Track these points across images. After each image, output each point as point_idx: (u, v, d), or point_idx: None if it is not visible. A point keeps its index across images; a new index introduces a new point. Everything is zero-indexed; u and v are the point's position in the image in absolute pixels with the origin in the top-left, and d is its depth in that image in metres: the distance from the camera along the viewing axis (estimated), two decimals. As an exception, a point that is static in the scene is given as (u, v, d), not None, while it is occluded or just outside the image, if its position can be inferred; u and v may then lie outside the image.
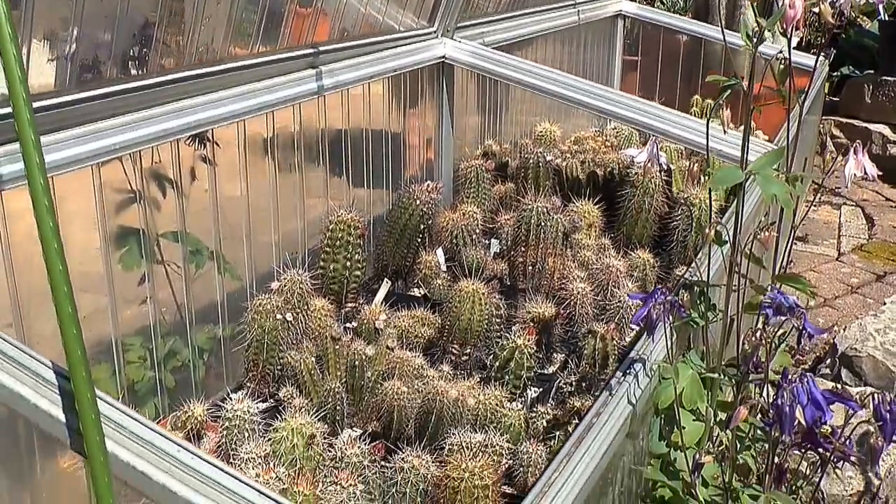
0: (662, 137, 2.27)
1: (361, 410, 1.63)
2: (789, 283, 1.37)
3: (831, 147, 4.93)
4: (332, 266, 1.90)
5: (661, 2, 5.94)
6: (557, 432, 1.55)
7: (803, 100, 1.41)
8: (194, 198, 1.73)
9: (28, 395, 1.01)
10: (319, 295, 1.81)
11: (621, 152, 2.66)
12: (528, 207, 2.02)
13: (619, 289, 1.83)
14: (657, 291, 1.30)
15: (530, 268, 2.03)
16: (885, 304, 2.83)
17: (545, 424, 1.58)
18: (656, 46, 3.97)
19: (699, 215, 2.14)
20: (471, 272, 1.91)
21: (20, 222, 1.34)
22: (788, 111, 1.35)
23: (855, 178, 1.38)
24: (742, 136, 1.35)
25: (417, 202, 2.03)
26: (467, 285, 1.77)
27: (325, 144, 2.12)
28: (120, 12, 1.45)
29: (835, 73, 5.63)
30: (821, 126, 4.85)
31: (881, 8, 1.44)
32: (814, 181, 2.94)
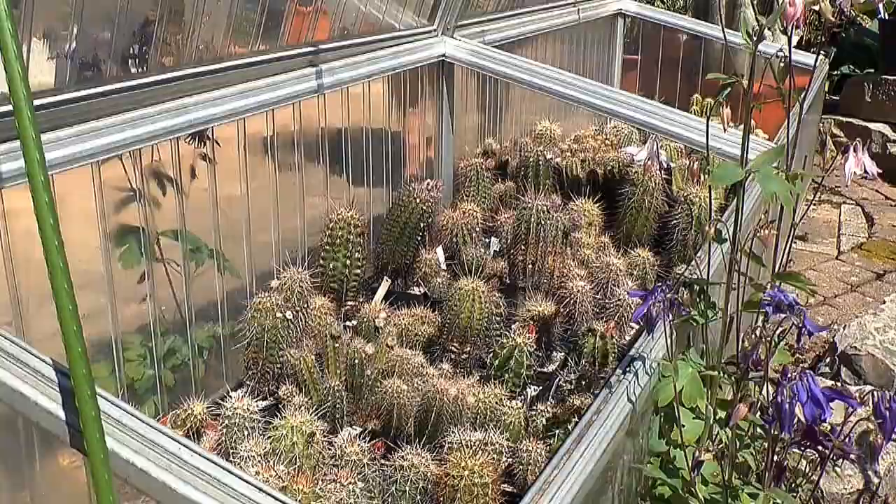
0: (662, 136, 2.27)
1: (361, 408, 1.63)
2: (789, 280, 1.37)
3: (831, 146, 4.92)
4: (332, 264, 1.90)
5: (661, 0, 5.94)
6: (557, 430, 1.55)
7: (803, 98, 1.41)
8: (194, 196, 1.73)
9: (28, 392, 1.01)
10: (319, 293, 1.81)
11: (621, 150, 2.66)
12: (528, 206, 2.02)
13: (618, 287, 1.83)
14: (657, 289, 1.29)
15: (530, 266, 2.03)
16: (884, 303, 2.83)
17: (545, 422, 1.58)
18: (656, 45, 3.97)
19: (699, 213, 2.14)
20: (471, 270, 1.91)
21: (20, 221, 1.34)
22: (788, 110, 1.35)
23: (855, 177, 1.37)
24: (742, 135, 1.35)
25: (417, 200, 2.03)
26: (467, 284, 1.77)
27: (325, 143, 2.12)
28: (120, 10, 1.45)
29: (835, 72, 5.62)
30: (821, 125, 4.85)
31: (881, 7, 1.44)
32: (813, 180, 2.94)
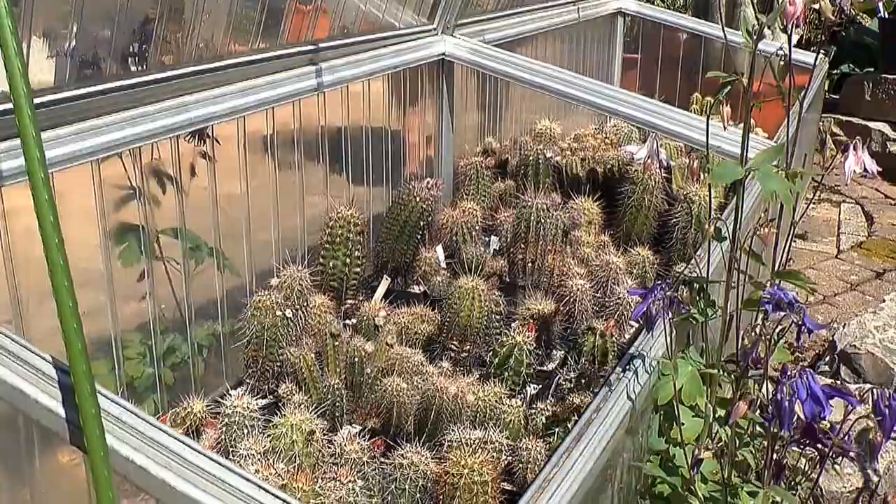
0: (662, 134, 2.27)
1: (361, 407, 1.63)
2: (789, 279, 1.37)
3: (831, 145, 4.92)
4: (331, 263, 1.90)
5: (661, -1, 5.93)
6: (557, 429, 1.55)
7: (803, 97, 1.40)
8: (194, 194, 1.73)
9: (28, 389, 1.01)
10: (319, 291, 1.81)
11: (621, 149, 2.66)
12: (528, 204, 2.02)
13: (618, 285, 1.83)
14: (657, 287, 1.29)
15: (530, 264, 2.03)
16: (884, 302, 2.83)
17: (544, 421, 1.58)
18: (656, 44, 3.97)
19: (699, 212, 2.14)
20: (470, 269, 1.91)
21: (20, 219, 1.34)
22: (788, 108, 1.35)
23: (855, 175, 1.37)
24: (742, 134, 1.35)
25: (417, 199, 2.03)
26: (467, 282, 1.77)
27: (324, 141, 2.12)
28: (120, 8, 1.45)
29: (835, 71, 5.62)
30: (820, 124, 4.85)
31: (881, 6, 1.44)
32: (813, 178, 2.93)
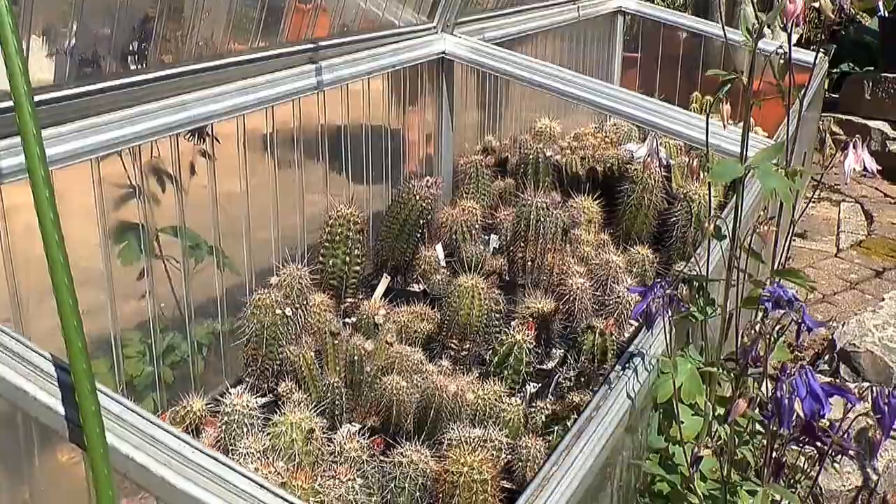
0: (662, 133, 2.27)
1: (360, 405, 1.63)
2: (788, 277, 1.37)
3: (830, 144, 4.92)
4: (331, 261, 1.90)
5: (661, -2, 5.93)
6: (556, 427, 1.55)
7: (803, 96, 1.40)
8: (193, 193, 1.73)
9: (27, 387, 1.01)
10: (319, 290, 1.81)
11: (621, 147, 2.66)
12: (528, 203, 2.02)
13: (618, 284, 1.83)
14: (656, 286, 1.29)
15: (529, 263, 2.03)
16: (883, 300, 2.83)
17: (544, 419, 1.58)
18: (656, 43, 3.97)
19: (698, 211, 2.14)
20: (470, 267, 1.91)
21: (19, 217, 1.34)
22: (788, 107, 1.35)
23: (854, 174, 1.38)
24: (741, 132, 1.35)
25: (417, 198, 2.03)
26: (466, 280, 1.77)
27: (324, 140, 2.12)
28: (119, 7, 1.45)
29: (834, 70, 5.62)
30: (820, 123, 4.85)
31: (881, 5, 1.44)
32: (813, 177, 2.93)
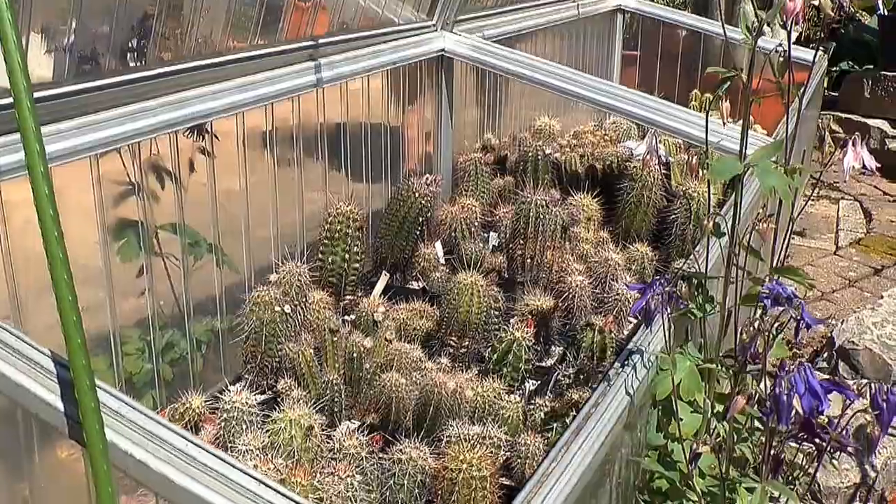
0: (661, 131, 2.27)
1: (359, 402, 1.63)
2: (787, 274, 1.37)
3: (830, 142, 4.92)
4: (330, 258, 1.90)
5: (661, -4, 5.92)
6: (555, 424, 1.55)
7: (802, 94, 1.40)
8: (193, 190, 1.73)
9: (27, 383, 1.01)
10: (318, 287, 1.82)
11: (620, 145, 2.67)
12: (527, 201, 2.02)
13: (617, 282, 1.83)
14: (655, 283, 1.29)
15: (529, 261, 2.04)
16: (882, 298, 2.83)
17: (543, 416, 1.59)
18: (655, 41, 3.97)
19: (698, 208, 2.14)
20: (469, 265, 1.91)
21: (18, 214, 1.34)
22: (787, 105, 1.35)
23: (853, 172, 1.37)
24: (741, 130, 1.35)
25: (416, 195, 2.03)
26: (466, 278, 1.77)
27: (324, 137, 2.12)
28: (118, 4, 1.45)
29: (834, 69, 5.62)
30: (819, 121, 4.85)
31: (880, 3, 1.44)
32: (812, 175, 2.93)
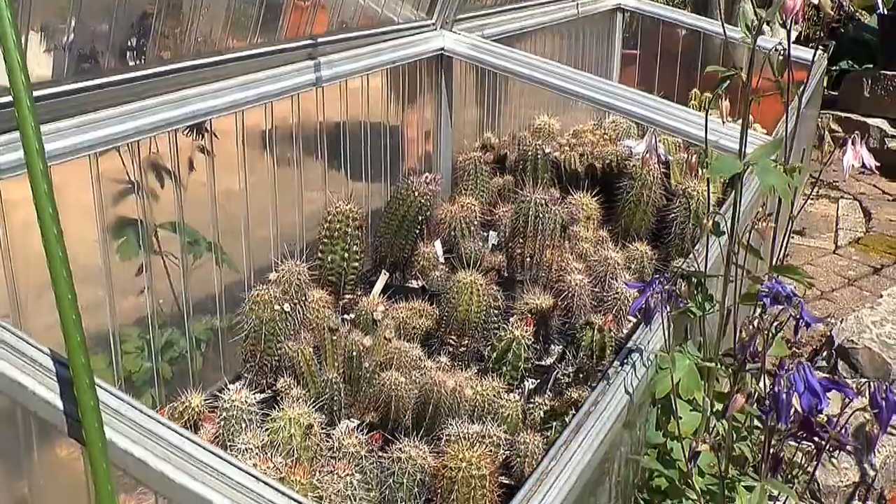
0: (661, 130, 2.27)
1: (359, 401, 1.63)
2: (786, 273, 1.38)
3: (829, 141, 4.92)
4: (330, 257, 1.91)
5: (660, -5, 5.92)
6: (554, 423, 1.56)
7: (801, 93, 1.40)
8: (192, 189, 1.73)
9: (26, 382, 1.01)
10: (317, 286, 1.82)
11: (619, 143, 2.67)
12: (527, 199, 2.02)
13: (616, 280, 1.84)
14: (655, 281, 1.29)
15: (528, 259, 2.04)
16: (881, 297, 2.83)
17: (542, 415, 1.59)
18: (655, 40, 3.97)
19: (697, 207, 2.14)
20: (469, 264, 1.91)
21: (17, 212, 1.34)
22: (787, 104, 1.35)
23: (853, 171, 1.37)
24: (740, 129, 1.35)
25: (416, 194, 2.03)
26: (465, 277, 1.77)
27: (323, 136, 2.12)
28: (118, 3, 1.44)
29: (833, 68, 5.62)
30: (819, 120, 4.85)
31: (880, 2, 1.44)
32: (811, 174, 2.94)
